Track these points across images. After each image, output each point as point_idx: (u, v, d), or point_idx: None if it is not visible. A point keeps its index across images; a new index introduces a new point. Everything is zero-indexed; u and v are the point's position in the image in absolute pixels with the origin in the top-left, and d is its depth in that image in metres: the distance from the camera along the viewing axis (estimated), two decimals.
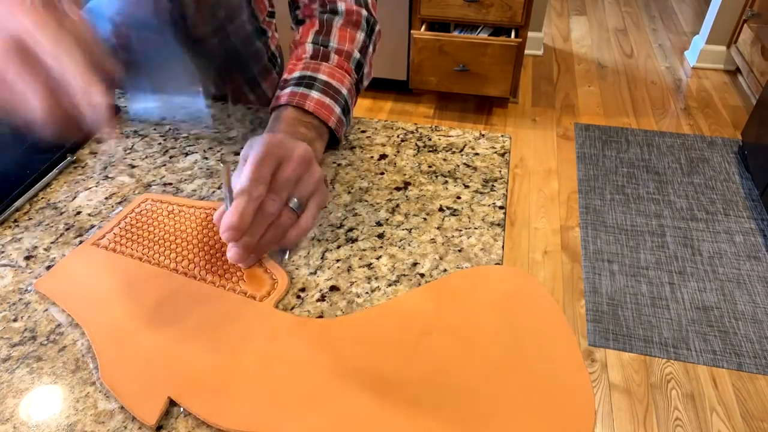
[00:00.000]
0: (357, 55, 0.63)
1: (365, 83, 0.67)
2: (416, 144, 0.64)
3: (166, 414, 0.39)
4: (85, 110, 0.41)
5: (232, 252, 0.47)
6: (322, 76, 0.59)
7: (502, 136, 0.65)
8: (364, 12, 0.66)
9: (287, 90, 0.59)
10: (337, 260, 0.50)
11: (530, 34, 2.72)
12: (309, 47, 0.62)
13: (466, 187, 0.58)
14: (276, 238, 0.49)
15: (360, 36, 0.64)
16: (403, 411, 0.38)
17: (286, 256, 0.51)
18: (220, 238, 0.51)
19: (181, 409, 0.39)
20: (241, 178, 0.47)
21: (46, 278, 0.49)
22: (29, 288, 0.48)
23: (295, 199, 0.49)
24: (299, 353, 0.42)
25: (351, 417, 0.38)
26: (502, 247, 0.51)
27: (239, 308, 0.46)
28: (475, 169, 0.61)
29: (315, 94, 0.58)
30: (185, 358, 0.42)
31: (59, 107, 0.41)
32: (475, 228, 0.53)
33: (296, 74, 0.60)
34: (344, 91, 0.60)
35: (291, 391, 0.40)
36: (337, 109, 0.59)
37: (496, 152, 0.63)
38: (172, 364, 0.42)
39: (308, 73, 0.60)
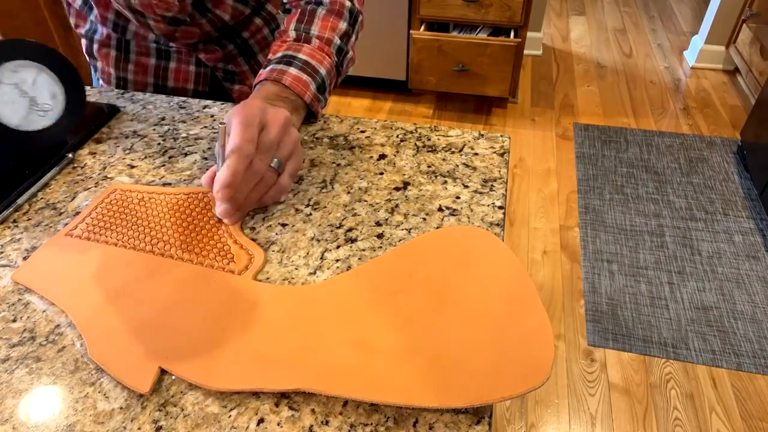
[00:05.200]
0: (338, 41, 0.67)
1: (348, 67, 0.70)
2: (415, 144, 0.64)
3: (165, 415, 0.39)
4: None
5: (221, 209, 0.51)
6: (302, 56, 0.63)
7: (501, 136, 0.65)
8: (348, 3, 0.68)
9: (269, 68, 0.62)
10: (337, 260, 0.50)
11: (529, 34, 2.72)
12: (292, 33, 0.66)
13: (466, 187, 0.58)
14: (259, 197, 0.54)
15: (342, 25, 0.67)
16: (382, 358, 0.40)
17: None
18: (194, 219, 0.53)
19: (179, 409, 0.39)
20: (231, 140, 0.50)
21: (22, 269, 0.49)
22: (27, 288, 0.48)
23: (276, 160, 0.53)
24: (281, 316, 0.44)
25: (334, 367, 0.40)
26: None
27: (220, 281, 0.47)
28: (475, 169, 0.61)
29: (293, 71, 0.61)
30: (172, 330, 0.43)
31: None
32: None
33: (279, 54, 0.64)
34: (323, 71, 0.64)
35: (276, 350, 0.41)
36: (313, 86, 0.62)
37: (495, 152, 0.63)
38: (160, 336, 0.43)
39: (290, 52, 0.63)
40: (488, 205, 0.56)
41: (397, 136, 0.66)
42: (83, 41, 0.84)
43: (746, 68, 2.46)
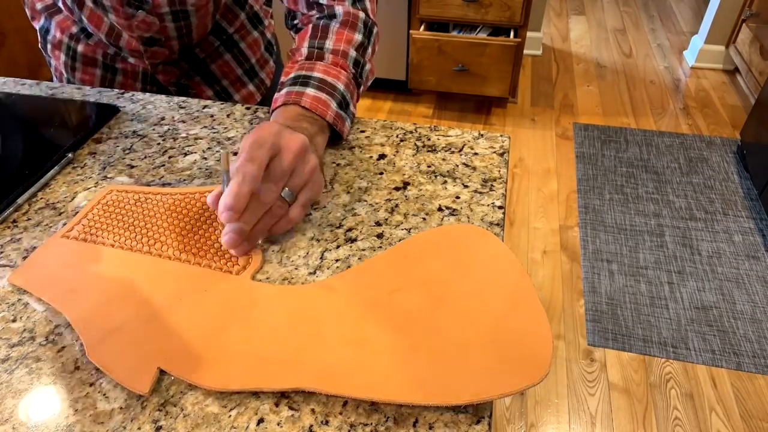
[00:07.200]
0: (353, 53, 0.64)
1: (368, 79, 0.67)
2: (415, 144, 0.64)
3: (165, 415, 0.39)
4: None
5: (226, 237, 0.47)
6: (317, 74, 0.60)
7: (501, 135, 0.65)
8: (362, 15, 0.66)
9: (283, 91, 0.59)
10: (336, 260, 0.50)
11: (529, 34, 2.72)
12: (304, 50, 0.63)
13: (465, 186, 0.58)
14: (267, 227, 0.50)
15: (357, 36, 0.65)
16: (381, 356, 0.40)
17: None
18: (191, 220, 0.53)
19: (179, 409, 0.39)
20: (238, 161, 0.47)
21: (19, 271, 0.49)
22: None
23: (287, 189, 0.50)
24: (279, 316, 0.44)
25: (333, 366, 0.40)
26: None
27: (218, 282, 0.47)
28: (474, 168, 0.61)
29: (310, 91, 0.58)
30: (170, 331, 0.43)
31: None
32: None
33: (292, 75, 0.61)
34: (340, 86, 0.60)
35: (275, 350, 0.41)
36: (333, 104, 0.59)
37: (495, 152, 0.63)
38: (158, 337, 0.43)
39: (303, 72, 0.60)
40: (488, 205, 0.56)
41: (397, 136, 0.66)
42: (39, 36, 0.85)
43: (746, 68, 2.46)
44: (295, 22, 0.69)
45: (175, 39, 0.77)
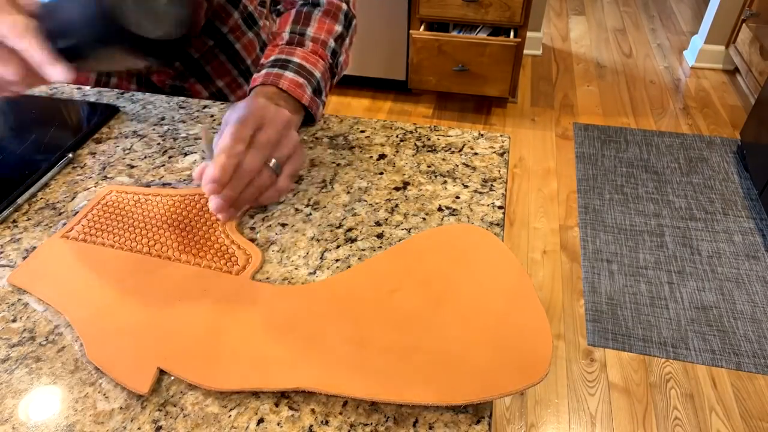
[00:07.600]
0: (332, 43, 0.66)
1: (342, 70, 0.69)
2: (415, 144, 0.64)
3: (165, 415, 0.39)
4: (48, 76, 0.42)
5: (213, 203, 0.50)
6: (296, 59, 0.62)
7: (501, 135, 0.65)
8: (344, 6, 0.68)
9: (263, 72, 0.61)
10: (336, 260, 0.50)
11: (529, 34, 2.72)
12: (286, 35, 0.65)
13: (465, 186, 0.58)
14: (254, 195, 0.52)
15: (338, 27, 0.66)
16: (381, 356, 0.40)
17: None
18: (191, 220, 0.53)
19: (179, 409, 0.39)
20: (222, 137, 0.50)
21: (18, 271, 0.49)
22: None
23: (274, 160, 0.53)
24: (279, 316, 0.44)
25: (333, 366, 0.40)
26: None
27: (217, 282, 0.47)
28: (474, 168, 0.61)
29: (289, 74, 0.61)
30: (170, 331, 0.43)
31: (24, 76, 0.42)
32: None
33: (272, 58, 0.63)
34: (317, 74, 0.63)
35: (275, 350, 0.41)
36: (309, 89, 0.62)
37: (495, 152, 0.63)
38: (158, 337, 0.43)
39: (283, 56, 0.62)
40: (488, 205, 0.56)
41: (397, 136, 0.66)
42: None
43: (746, 68, 2.46)
44: (278, 6, 0.71)
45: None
